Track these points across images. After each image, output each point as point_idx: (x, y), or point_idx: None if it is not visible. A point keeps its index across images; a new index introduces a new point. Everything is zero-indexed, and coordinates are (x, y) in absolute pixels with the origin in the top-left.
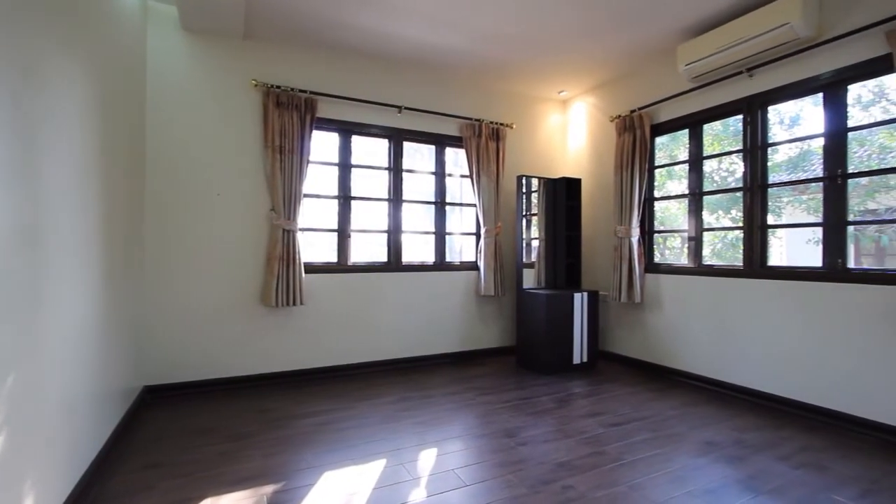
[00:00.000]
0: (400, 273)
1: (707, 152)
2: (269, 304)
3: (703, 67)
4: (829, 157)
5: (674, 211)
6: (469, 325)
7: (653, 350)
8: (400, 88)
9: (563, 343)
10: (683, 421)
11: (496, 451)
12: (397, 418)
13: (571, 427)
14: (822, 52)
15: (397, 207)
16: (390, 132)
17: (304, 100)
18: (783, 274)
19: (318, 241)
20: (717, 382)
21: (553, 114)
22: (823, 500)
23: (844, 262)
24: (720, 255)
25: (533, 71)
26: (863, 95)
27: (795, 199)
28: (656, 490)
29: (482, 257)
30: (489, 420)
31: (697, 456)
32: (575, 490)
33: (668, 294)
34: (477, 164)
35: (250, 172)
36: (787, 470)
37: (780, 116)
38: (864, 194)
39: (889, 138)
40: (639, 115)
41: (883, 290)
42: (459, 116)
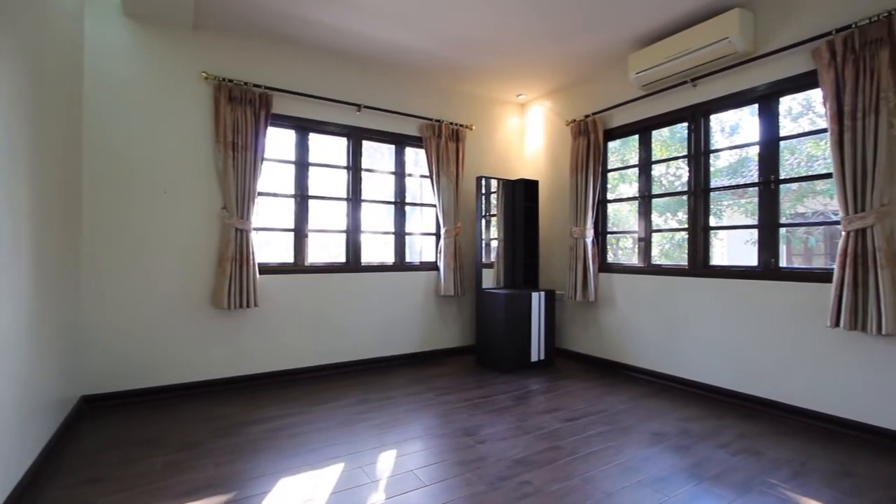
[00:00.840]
0: (359, 273)
1: (655, 157)
2: (221, 306)
3: (652, 76)
4: (763, 164)
5: (625, 213)
6: (429, 326)
7: (606, 347)
8: (359, 86)
9: (521, 341)
10: (634, 414)
11: (455, 450)
12: (356, 421)
13: (529, 423)
14: (758, 67)
15: (356, 207)
16: (349, 130)
17: (259, 95)
18: (724, 273)
19: (274, 241)
20: (665, 376)
21: (512, 116)
22: (759, 484)
23: (777, 262)
24: (668, 255)
25: (493, 74)
26: (793, 107)
27: (735, 203)
28: (608, 481)
29: (442, 257)
30: (449, 419)
31: (647, 447)
32: (532, 485)
33: (621, 293)
34: (437, 165)
35: (200, 169)
36: (727, 456)
37: (721, 125)
38: (794, 199)
39: (815, 148)
40: (593, 120)
41: (810, 287)
42: (419, 116)
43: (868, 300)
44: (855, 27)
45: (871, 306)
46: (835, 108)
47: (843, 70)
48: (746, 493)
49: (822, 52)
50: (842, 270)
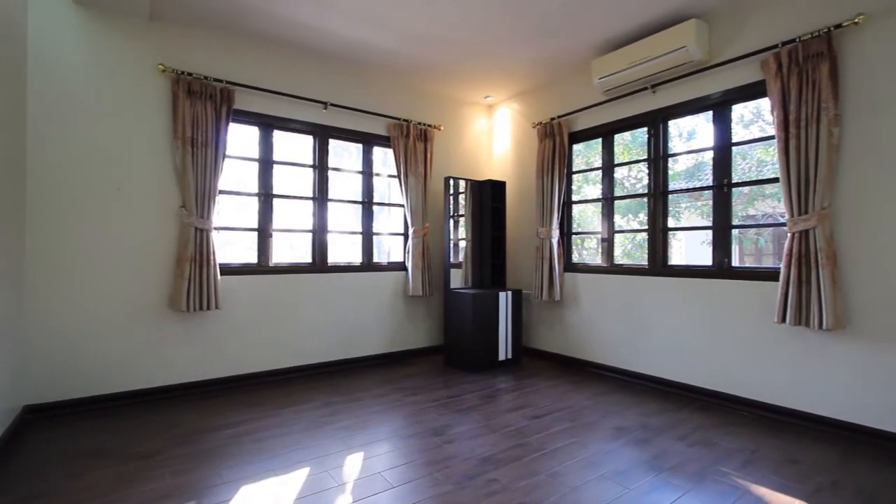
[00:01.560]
0: (325, 274)
1: (618, 160)
2: (180, 308)
3: (614, 82)
4: (717, 168)
5: (590, 214)
6: (397, 326)
7: (571, 345)
8: (326, 84)
9: (489, 341)
10: (597, 410)
11: (424, 450)
12: (322, 424)
13: (496, 422)
14: (712, 75)
15: (323, 206)
16: (315, 128)
17: (221, 90)
18: (681, 272)
19: (237, 241)
20: (627, 372)
21: (479, 118)
22: (713, 473)
23: (730, 262)
24: (630, 255)
25: (461, 74)
26: (744, 115)
27: (692, 205)
28: (573, 476)
29: (410, 258)
30: (417, 420)
31: (609, 441)
32: (499, 483)
33: (585, 292)
34: (405, 165)
35: (157, 166)
36: (684, 448)
37: (679, 130)
38: (745, 201)
39: (764, 153)
40: (558, 123)
41: (759, 285)
42: (387, 116)
43: (811, 297)
44: (799, 41)
45: (813, 303)
46: (781, 117)
47: (789, 81)
48: (701, 483)
49: (769, 64)
50: (787, 269)
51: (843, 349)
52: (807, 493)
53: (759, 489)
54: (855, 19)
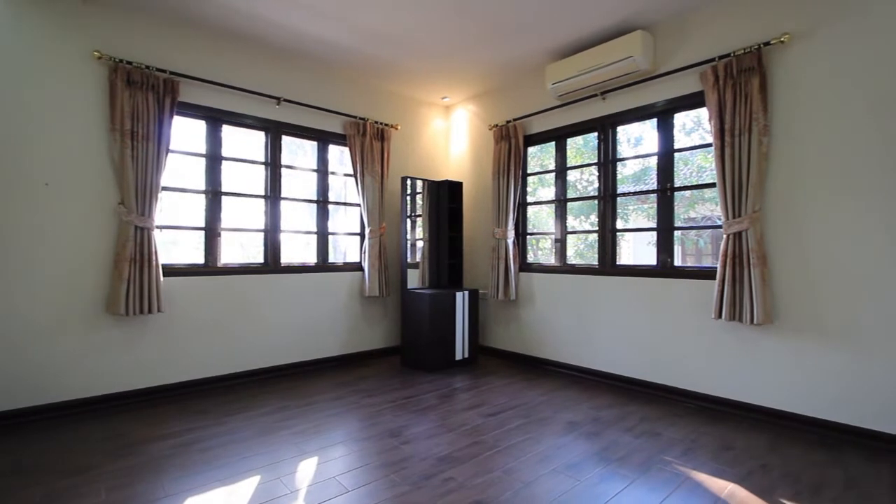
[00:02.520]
0: (278, 275)
1: (570, 163)
2: (118, 312)
3: (566, 87)
4: (661, 173)
5: (545, 215)
6: (353, 327)
7: (526, 343)
8: (280, 79)
9: (446, 340)
10: (550, 405)
11: (380, 452)
12: (274, 430)
13: (453, 420)
14: (657, 85)
15: (275, 205)
16: (268, 124)
17: (164, 80)
18: (629, 271)
19: (183, 241)
20: (580, 368)
21: (437, 118)
22: (657, 462)
23: (672, 261)
24: (582, 255)
25: (418, 74)
26: (686, 123)
27: (639, 208)
28: (527, 471)
29: (367, 258)
30: (373, 422)
31: (562, 435)
32: (455, 481)
33: (539, 291)
34: (361, 164)
35: (92, 160)
36: (631, 439)
37: (627, 136)
38: (687, 205)
39: (704, 160)
40: (513, 126)
41: (699, 283)
42: (344, 114)
43: (744, 294)
44: (733, 56)
45: (745, 300)
46: (718, 126)
47: (724, 92)
48: (647, 472)
49: (707, 76)
50: (723, 269)
51: (771, 342)
52: (740, 476)
53: (698, 475)
54: (781, 38)
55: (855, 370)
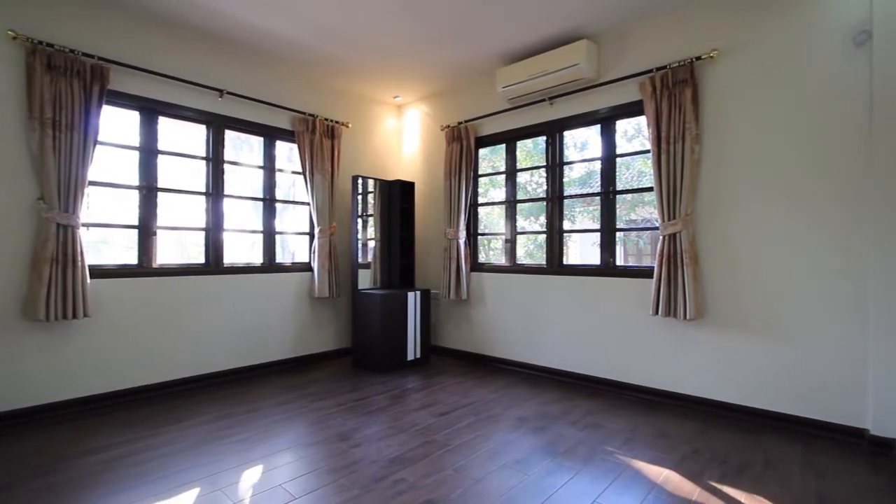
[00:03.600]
0: (221, 276)
1: (520, 166)
2: (37, 317)
3: (516, 91)
4: (604, 177)
5: (495, 216)
6: (302, 329)
7: (478, 342)
8: (223, 70)
9: (397, 341)
10: (500, 403)
11: (329, 457)
12: (215, 439)
13: (405, 421)
14: (601, 92)
15: (218, 202)
16: (210, 118)
17: (92, 66)
18: (574, 271)
19: (113, 240)
20: (529, 365)
21: (389, 117)
22: (600, 452)
23: (614, 261)
24: (532, 255)
25: (370, 72)
26: (628, 130)
27: (585, 210)
28: (477, 468)
29: (316, 258)
30: (322, 426)
31: (511, 432)
32: (406, 482)
33: (490, 291)
34: (311, 161)
35: (5, 150)
36: (575, 432)
37: (574, 140)
38: (628, 207)
39: (644, 165)
40: (465, 127)
41: (639, 281)
42: (292, 109)
43: (678, 292)
44: (669, 68)
45: (679, 297)
46: (655, 133)
47: (661, 102)
48: (590, 462)
49: (646, 86)
50: (660, 268)
51: (702, 336)
52: (674, 462)
53: (637, 463)
54: (710, 53)
55: (774, 360)
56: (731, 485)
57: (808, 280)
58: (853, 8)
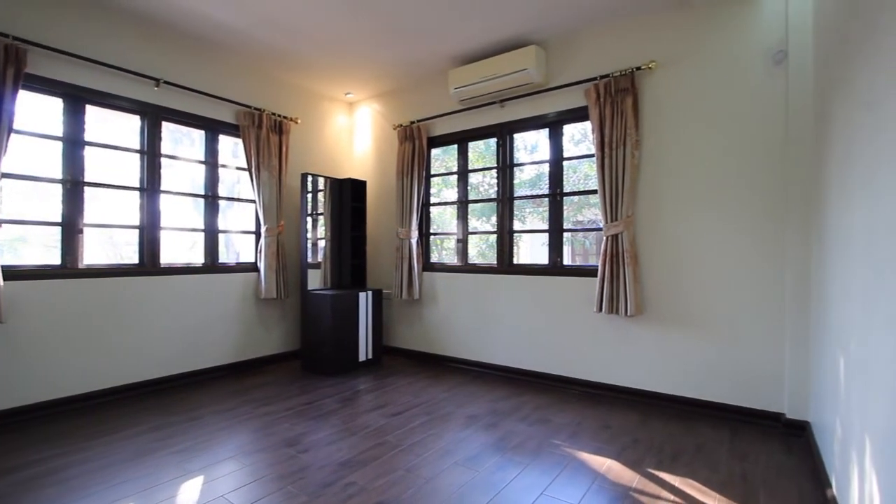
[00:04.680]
0: (157, 277)
1: (472, 166)
2: None
3: (468, 93)
4: (552, 179)
5: (449, 216)
6: (248, 332)
7: (430, 341)
8: (161, 58)
9: (348, 342)
10: (452, 401)
11: (275, 463)
12: (151, 450)
13: (356, 424)
14: (549, 97)
15: (153, 199)
16: (145, 108)
17: (6, 46)
18: (524, 270)
19: (32, 238)
20: (480, 364)
21: (340, 114)
22: (548, 446)
23: (561, 261)
24: (484, 255)
25: (320, 67)
26: (575, 134)
27: (535, 210)
28: (429, 467)
29: (263, 258)
30: (268, 432)
31: (462, 429)
32: (356, 485)
33: (442, 290)
34: (257, 157)
35: None
36: (525, 427)
37: (525, 143)
38: (575, 209)
39: (590, 169)
40: (417, 127)
41: (584, 280)
42: (237, 102)
43: (619, 290)
44: (612, 77)
45: (621, 294)
46: (599, 139)
47: (605, 109)
48: (539, 456)
49: (591, 93)
50: (603, 267)
51: (642, 332)
52: (615, 452)
53: (581, 455)
54: (649, 64)
55: (705, 353)
56: (666, 471)
57: (735, 278)
58: (773, 29)
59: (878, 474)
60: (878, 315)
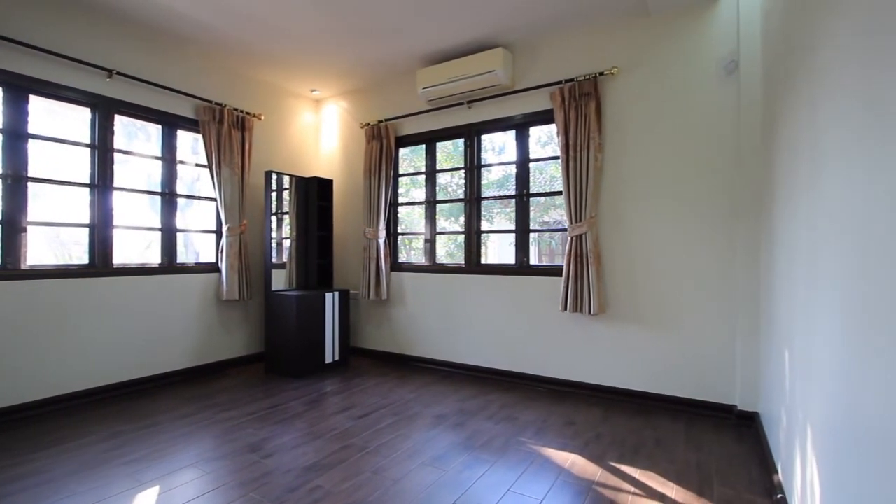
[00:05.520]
0: (109, 278)
1: (440, 167)
2: None
3: (436, 93)
4: (519, 180)
5: (417, 216)
6: (208, 335)
7: (398, 342)
8: (114, 48)
9: (314, 344)
10: (420, 401)
11: (237, 470)
12: (103, 461)
13: (321, 427)
14: (516, 99)
15: (106, 195)
16: (96, 100)
17: None
18: (491, 270)
19: None
20: (448, 363)
21: (305, 111)
22: (514, 444)
23: (528, 260)
24: (453, 255)
25: (285, 63)
26: (541, 136)
27: (503, 211)
28: (396, 468)
29: (224, 258)
30: (230, 438)
31: (430, 429)
32: (322, 489)
33: (410, 290)
34: (218, 154)
35: None
36: (492, 426)
37: (492, 144)
38: (541, 209)
39: (556, 170)
40: (385, 126)
41: (550, 280)
42: (197, 96)
43: (584, 289)
44: (576, 81)
45: (585, 293)
46: (564, 141)
47: (569, 112)
48: (505, 454)
49: (556, 96)
50: (568, 266)
51: (605, 329)
52: (579, 447)
53: (547, 451)
54: (611, 70)
55: (664, 349)
56: (627, 463)
57: (692, 278)
58: (725, 40)
59: (819, 461)
60: (817, 313)
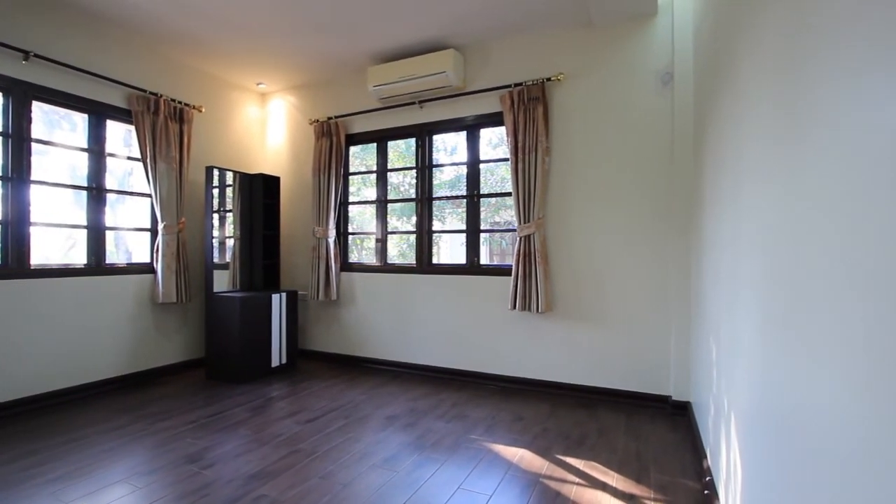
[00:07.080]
0: (26, 280)
1: (392, 166)
2: None
3: (387, 91)
4: (470, 181)
5: (369, 215)
6: (142, 340)
7: (348, 343)
8: (31, 26)
9: (260, 347)
10: (371, 403)
11: (175, 483)
12: (18, 481)
13: (267, 433)
14: (467, 101)
15: (21, 189)
16: (8, 84)
17: None
18: (443, 269)
19: None
20: (400, 364)
21: (250, 105)
22: (464, 441)
23: (479, 260)
24: (405, 255)
25: (229, 54)
26: (492, 138)
27: (454, 211)
28: (345, 472)
29: (160, 258)
30: (167, 449)
31: (380, 430)
32: (268, 497)
33: (361, 291)
34: (153, 147)
35: None
36: (443, 425)
37: (444, 144)
38: (492, 210)
39: (506, 172)
40: (335, 123)
41: (500, 279)
42: (129, 85)
43: (532, 288)
44: (524, 85)
45: (533, 292)
46: (513, 144)
47: (518, 115)
48: (456, 452)
49: (506, 99)
50: (517, 266)
51: (551, 327)
52: (527, 441)
53: (497, 447)
54: (557, 76)
55: (606, 344)
56: (572, 455)
57: (631, 278)
58: (662, 52)
59: (741, 445)
60: (739, 312)
